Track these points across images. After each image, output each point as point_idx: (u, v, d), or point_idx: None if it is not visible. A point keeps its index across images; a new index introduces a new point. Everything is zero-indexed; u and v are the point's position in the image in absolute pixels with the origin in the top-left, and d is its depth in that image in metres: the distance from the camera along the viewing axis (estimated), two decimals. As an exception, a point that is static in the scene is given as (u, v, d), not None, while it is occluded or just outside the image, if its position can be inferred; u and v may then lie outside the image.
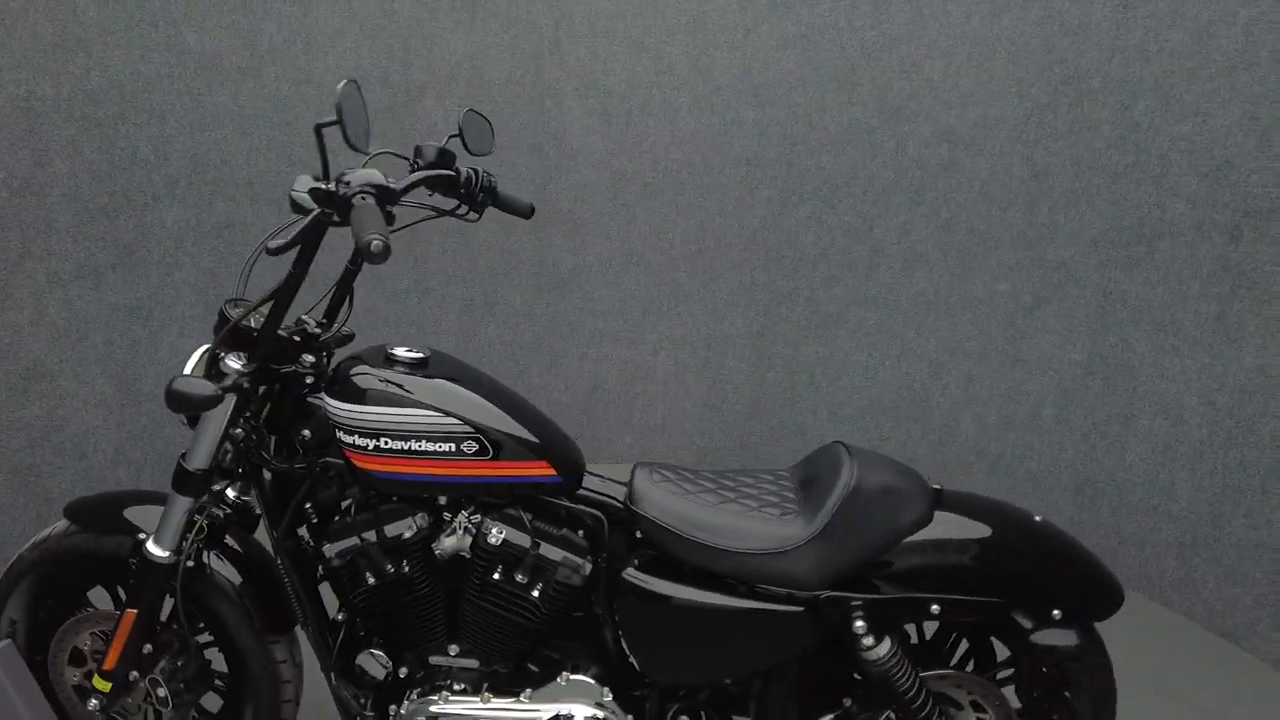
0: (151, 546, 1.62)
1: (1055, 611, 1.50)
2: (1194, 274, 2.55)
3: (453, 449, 1.53)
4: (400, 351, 1.61)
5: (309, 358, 1.65)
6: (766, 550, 1.51)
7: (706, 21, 3.27)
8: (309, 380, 1.64)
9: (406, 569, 1.60)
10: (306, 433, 1.63)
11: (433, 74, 3.29)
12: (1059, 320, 2.91)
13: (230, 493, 1.70)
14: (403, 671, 1.69)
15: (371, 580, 1.61)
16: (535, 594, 1.59)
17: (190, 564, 1.67)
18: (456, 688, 1.67)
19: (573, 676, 1.61)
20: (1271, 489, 2.40)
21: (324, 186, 1.37)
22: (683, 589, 1.55)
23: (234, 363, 1.54)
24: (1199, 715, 2.20)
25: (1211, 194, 2.49)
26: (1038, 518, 1.62)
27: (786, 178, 3.34)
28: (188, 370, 1.59)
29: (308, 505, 1.67)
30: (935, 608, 1.51)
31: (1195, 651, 2.49)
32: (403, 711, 1.65)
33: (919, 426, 3.33)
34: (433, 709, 1.62)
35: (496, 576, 1.60)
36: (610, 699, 1.60)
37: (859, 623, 1.48)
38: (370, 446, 1.53)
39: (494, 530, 1.58)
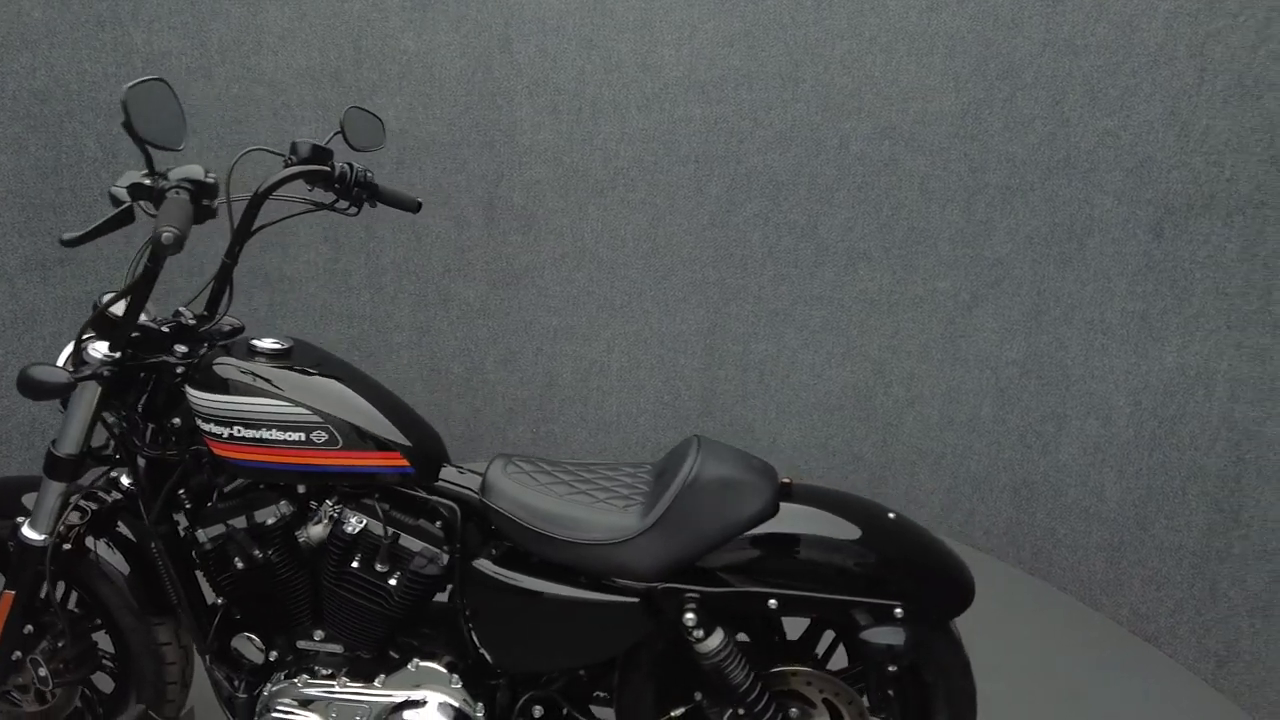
0: (26, 530, 1.67)
1: (897, 610, 1.49)
2: (1120, 272, 2.51)
3: (302, 438, 1.57)
4: (262, 343, 1.65)
5: (182, 348, 1.70)
6: (603, 541, 1.53)
7: (653, 19, 3.28)
8: (179, 370, 1.69)
9: (272, 555, 1.64)
10: (177, 420, 1.68)
11: (384, 73, 3.34)
12: (996, 319, 2.88)
13: (125, 480, 1.76)
14: (273, 655, 1.73)
15: (239, 565, 1.65)
16: (392, 583, 1.62)
17: (68, 547, 1.72)
18: (323, 672, 1.71)
19: (423, 663, 1.64)
20: (1190, 491, 2.36)
21: (144, 181, 1.41)
22: (525, 579, 1.57)
23: (95, 352, 1.59)
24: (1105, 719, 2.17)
25: (1136, 190, 2.45)
26: (891, 514, 1.62)
27: (734, 175, 3.34)
28: (60, 360, 1.65)
29: (181, 491, 1.72)
30: (773, 602, 1.51)
31: (1116, 656, 2.45)
32: (264, 694, 1.69)
33: (864, 426, 3.31)
34: (290, 692, 1.67)
35: (355, 565, 1.63)
36: (459, 686, 1.62)
37: (689, 615, 1.49)
38: (225, 434, 1.57)
39: (351, 519, 1.62)
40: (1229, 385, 2.24)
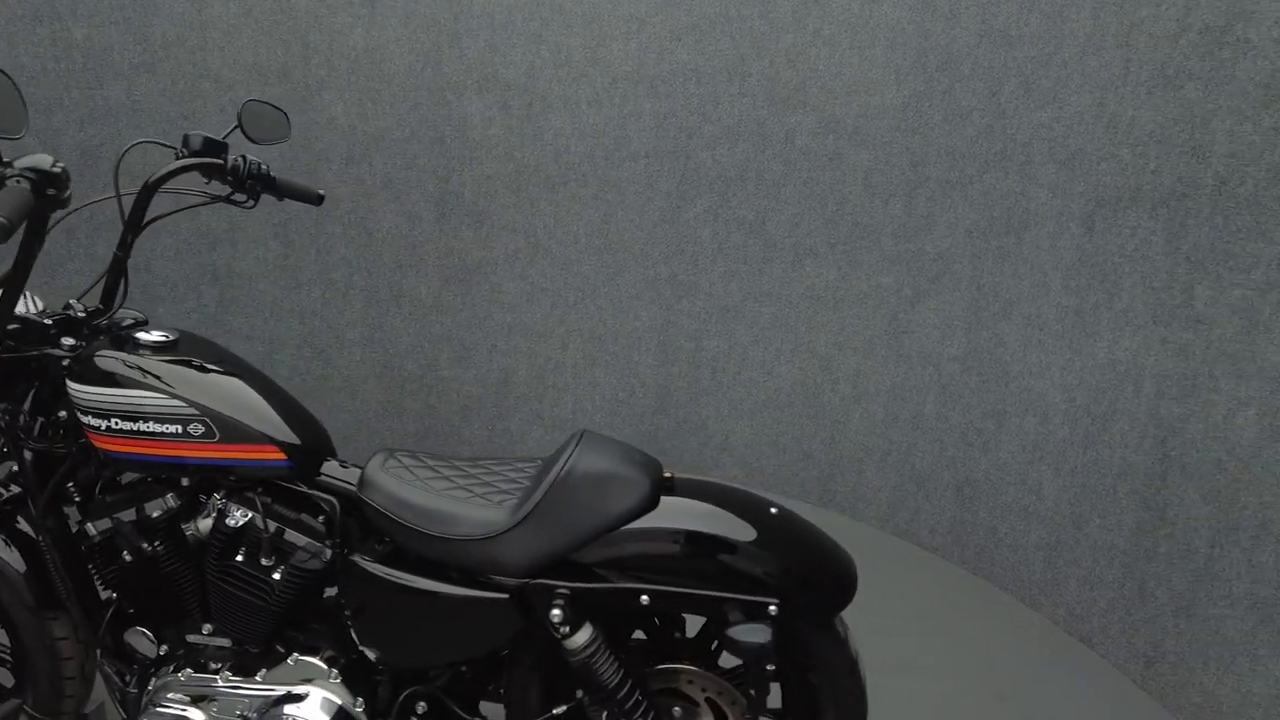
0: None
1: (771, 607, 1.47)
2: (1055, 265, 2.47)
3: (179, 430, 1.56)
4: (146, 335, 1.64)
5: (70, 341, 1.69)
6: (472, 537, 1.51)
7: (601, 13, 3.27)
8: (65, 363, 1.68)
9: (159, 548, 1.64)
10: (63, 413, 1.67)
11: (333, 69, 3.34)
12: (937, 314, 2.84)
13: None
14: (164, 649, 1.72)
15: (127, 558, 1.64)
16: (276, 577, 1.61)
17: None
18: (213, 666, 1.70)
19: (302, 658, 1.63)
20: (1121, 490, 2.32)
21: None
22: (398, 574, 1.56)
23: None
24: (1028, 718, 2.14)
25: (1069, 183, 2.41)
26: (774, 509, 1.59)
27: (684, 171, 3.32)
28: None
29: (71, 485, 1.72)
30: (645, 599, 1.49)
31: (1051, 656, 2.41)
32: (149, 688, 1.68)
33: (813, 423, 3.28)
34: (173, 686, 1.66)
35: (239, 559, 1.62)
36: (338, 681, 1.61)
37: (555, 611, 1.47)
38: (104, 427, 1.56)
39: (235, 512, 1.61)
40: (1155, 381, 2.20)
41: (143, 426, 1.56)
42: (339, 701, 1.61)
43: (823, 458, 3.27)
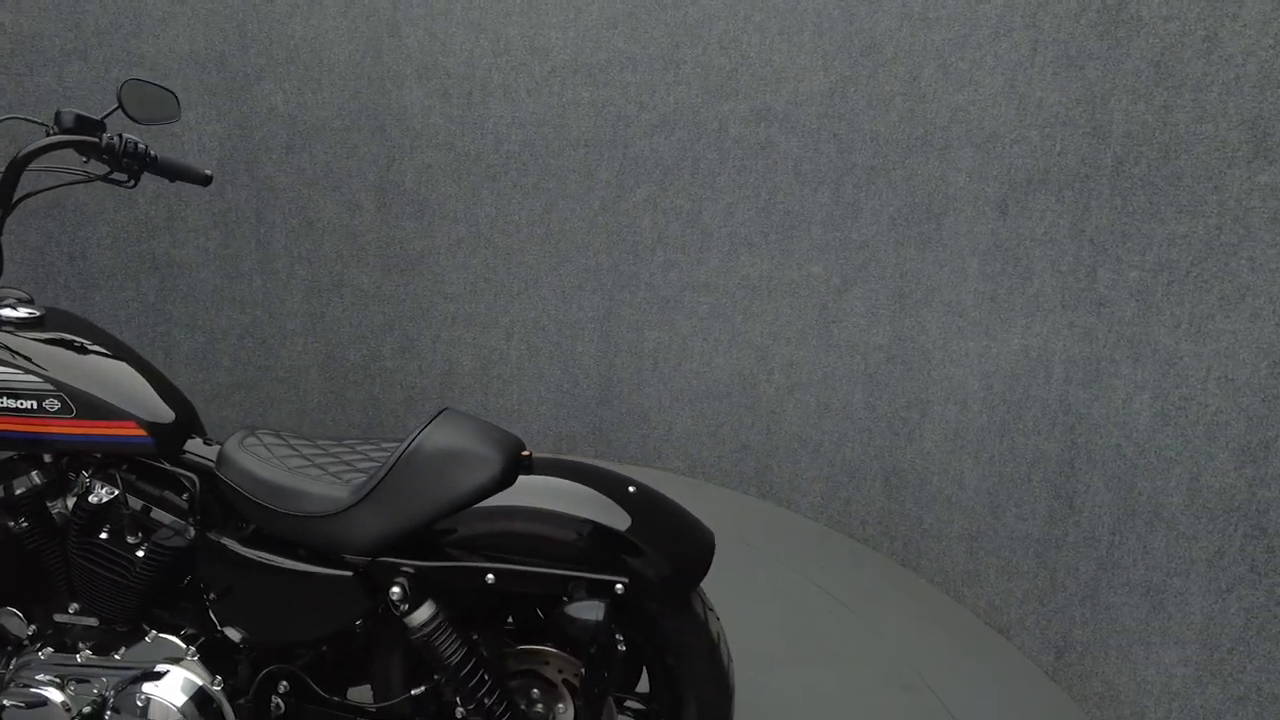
0: None
1: (618, 586, 1.44)
2: (973, 251, 2.44)
3: (34, 406, 1.54)
4: (8, 311, 1.63)
5: (-64, 317, 1.68)
6: (314, 514, 1.49)
7: (539, 1, 3.25)
8: None
9: (23, 525, 1.63)
10: (-78, 391, 1.66)
11: (271, 58, 3.33)
12: (863, 303, 2.81)
13: None
14: (33, 629, 1.71)
15: None
16: (139, 554, 1.60)
17: None
18: (84, 645, 1.69)
19: (161, 635, 1.61)
20: (1035, 478, 2.28)
21: None
22: (248, 551, 1.54)
23: None
24: (946, 713, 2.11)
25: (984, 166, 2.38)
26: (632, 488, 1.57)
27: (623, 160, 3.30)
28: None
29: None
30: (490, 577, 1.47)
31: (970, 649, 2.38)
32: (10, 667, 1.67)
33: (750, 414, 3.25)
34: (32, 665, 1.65)
35: (103, 536, 1.61)
36: (195, 659, 1.60)
37: (395, 589, 1.45)
38: (-40, 401, 1.55)
39: (98, 489, 1.60)
40: (1064, 367, 2.16)
41: (-2, 402, 1.55)
42: (198, 680, 1.60)
43: (760, 448, 3.24)
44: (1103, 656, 2.05)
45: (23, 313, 1.65)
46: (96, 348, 1.64)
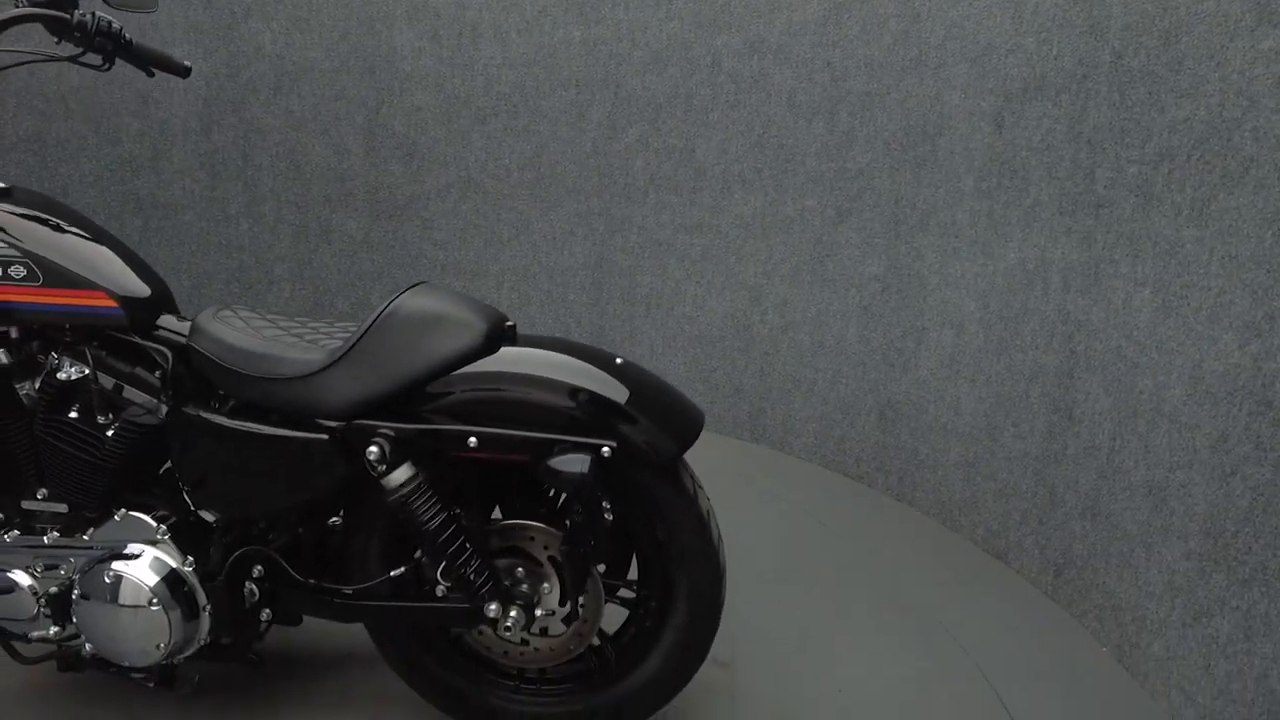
0: None
1: (605, 449, 1.40)
2: (968, 169, 2.40)
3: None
4: None
5: (-97, 194, 1.63)
6: (288, 375, 1.45)
7: (529, -61, 3.22)
8: None
9: (-11, 406, 1.57)
10: (-117, 266, 1.61)
11: (258, -5, 3.29)
12: (858, 233, 2.77)
13: None
14: (0, 516, 1.66)
15: None
16: (109, 433, 1.55)
17: None
18: (51, 530, 1.63)
19: (131, 513, 1.56)
20: (1033, 394, 2.24)
21: None
22: (220, 418, 1.49)
23: None
24: (942, 640, 2.06)
25: (979, 81, 2.34)
26: (618, 360, 1.52)
27: (614, 99, 3.26)
28: None
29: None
30: (473, 440, 1.42)
31: (967, 577, 2.33)
32: (-26, 551, 1.62)
33: (744, 356, 3.20)
34: (0, 547, 1.59)
35: (72, 415, 1.56)
36: (166, 537, 1.54)
37: (372, 449, 1.40)
38: (-83, 268, 1.50)
39: (66, 367, 1.55)
40: (1062, 275, 2.12)
41: (-42, 268, 1.49)
42: (169, 560, 1.54)
43: (753, 391, 3.19)
44: (1103, 568, 2.00)
45: (-12, 186, 1.60)
46: (68, 222, 1.59)
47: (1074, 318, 2.09)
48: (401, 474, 1.41)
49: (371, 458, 1.40)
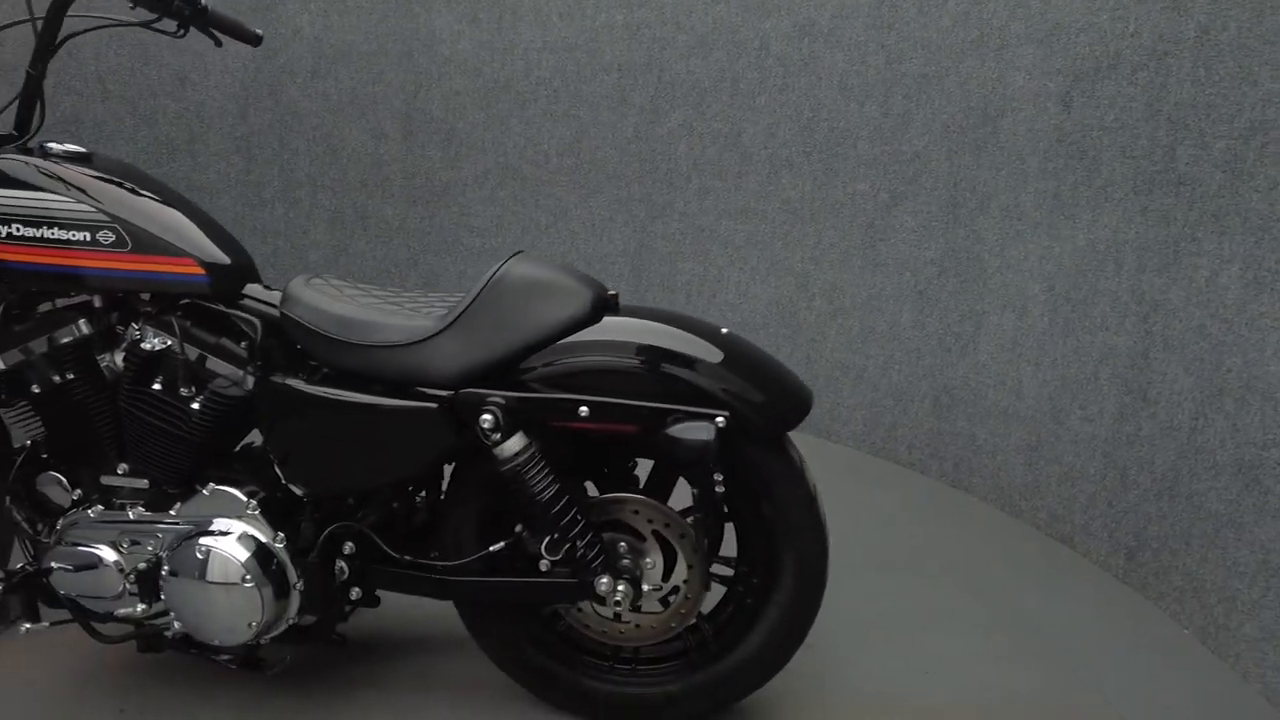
0: None
1: (719, 419, 1.36)
2: (1033, 150, 2.38)
3: (87, 238, 1.45)
4: (57, 145, 1.54)
5: (-25, 161, 1.58)
6: (395, 343, 1.41)
7: (573, -79, 3.18)
8: None
9: (70, 377, 1.53)
10: (-36, 236, 1.56)
11: (297, -24, 3.24)
12: (914, 217, 2.75)
13: None
14: (78, 493, 1.61)
15: (36, 390, 1.54)
16: (195, 406, 1.50)
17: None
18: (135, 505, 1.59)
19: (219, 487, 1.51)
20: (1102, 375, 2.22)
21: None
22: (320, 388, 1.45)
23: None
24: (1015, 624, 2.03)
25: (1046, 61, 2.32)
26: (724, 330, 1.49)
27: (658, 84, 3.23)
28: None
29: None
30: (584, 410, 1.38)
31: (1031, 562, 2.30)
32: (58, 526, 1.57)
33: (789, 343, 3.18)
34: (83, 523, 1.55)
35: (155, 387, 1.51)
36: (256, 512, 1.50)
37: (486, 416, 1.36)
38: (4, 234, 1.46)
39: (150, 336, 1.50)
40: (1136, 255, 2.11)
41: (47, 233, 1.45)
42: (260, 536, 1.50)
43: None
44: (1183, 549, 1.98)
45: (70, 147, 1.56)
46: (151, 189, 1.55)
47: (1149, 297, 2.07)
48: (515, 443, 1.38)
49: (486, 426, 1.36)
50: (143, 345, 1.50)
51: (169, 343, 1.51)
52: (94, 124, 3.06)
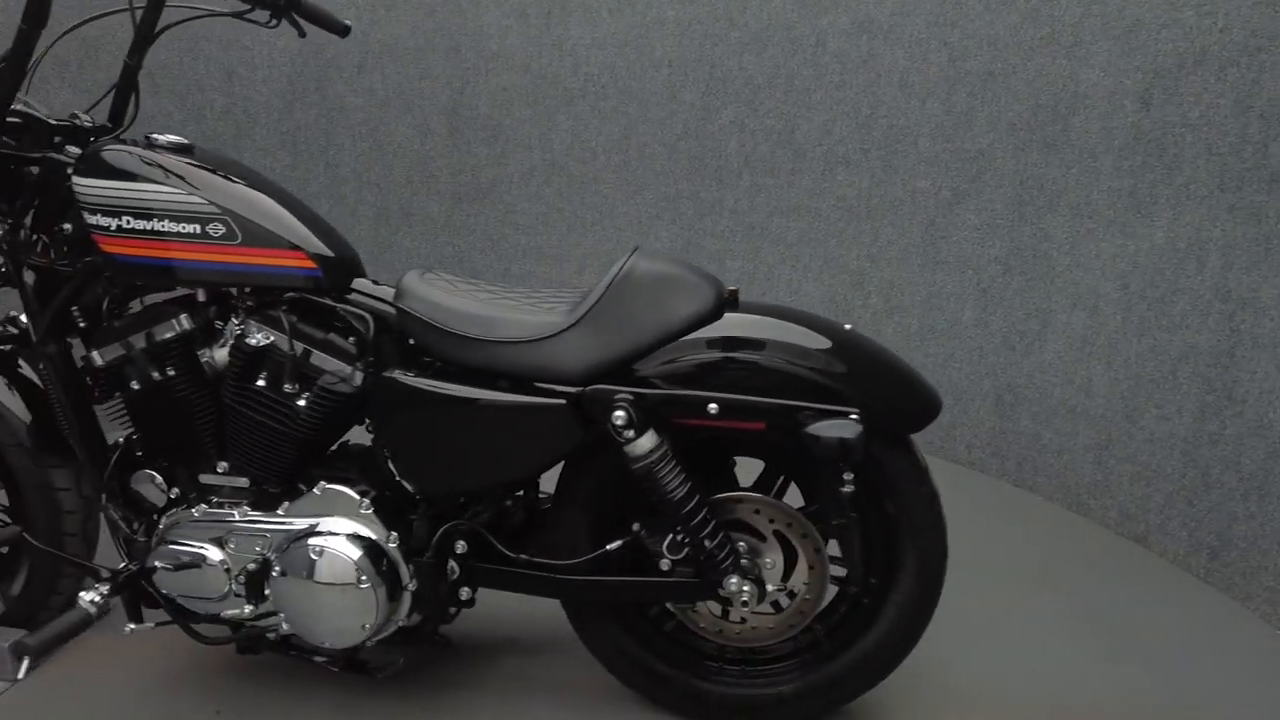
0: None
1: (852, 416, 1.34)
2: (1107, 148, 2.37)
3: (198, 230, 1.42)
4: (161, 137, 1.51)
5: (75, 149, 1.56)
6: (521, 339, 1.38)
7: (625, -84, 3.15)
8: (70, 171, 1.54)
9: (171, 373, 1.50)
10: (68, 227, 1.54)
11: (345, -30, 3.21)
12: (977, 215, 2.73)
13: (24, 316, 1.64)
14: (175, 492, 1.58)
15: (136, 386, 1.51)
16: (301, 403, 1.47)
17: None
18: (240, 503, 1.56)
19: (329, 486, 1.48)
20: (1181, 374, 2.21)
21: None
22: (441, 385, 1.42)
23: None
24: (1098, 623, 2.02)
25: (1123, 58, 2.31)
26: (847, 326, 1.47)
27: (709, 80, 3.20)
28: None
29: (75, 310, 1.58)
30: (713, 407, 1.36)
31: (1103, 561, 2.29)
32: (160, 525, 1.54)
33: (842, 340, 3.15)
34: (186, 522, 1.52)
35: (260, 384, 1.48)
36: (370, 511, 1.47)
37: (618, 413, 1.34)
38: (113, 226, 1.43)
39: (256, 332, 1.47)
40: (1222, 253, 2.09)
41: (157, 225, 1.42)
42: (372, 535, 1.47)
43: (852, 377, 3.14)
44: (1273, 549, 1.97)
45: (172, 138, 1.53)
46: (255, 181, 1.52)
47: (1236, 295, 2.06)
48: (648, 441, 1.35)
49: (619, 423, 1.34)
50: (248, 341, 1.47)
51: (272, 338, 1.48)
52: (143, 119, 2.99)
